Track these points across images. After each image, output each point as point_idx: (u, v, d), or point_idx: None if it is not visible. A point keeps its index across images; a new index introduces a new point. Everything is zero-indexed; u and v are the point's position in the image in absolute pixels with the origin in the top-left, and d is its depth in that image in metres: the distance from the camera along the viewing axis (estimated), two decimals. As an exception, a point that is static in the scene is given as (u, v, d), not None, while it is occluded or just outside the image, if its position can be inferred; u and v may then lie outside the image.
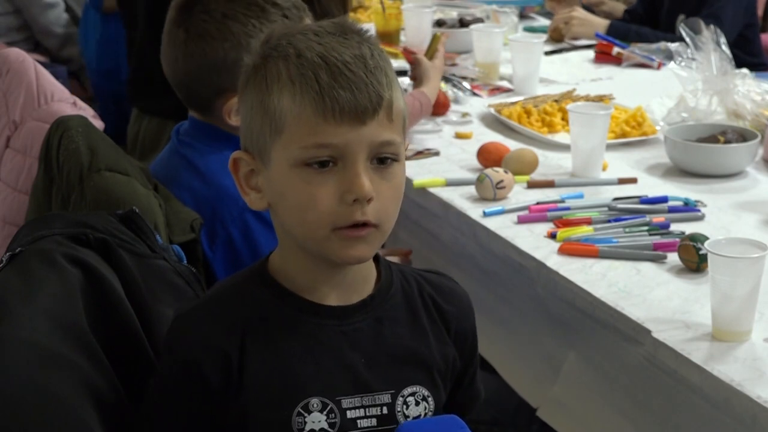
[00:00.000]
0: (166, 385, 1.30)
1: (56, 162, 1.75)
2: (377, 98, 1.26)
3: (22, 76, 2.05)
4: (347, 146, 1.25)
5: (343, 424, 1.30)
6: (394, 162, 1.29)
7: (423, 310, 1.39)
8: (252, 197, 1.34)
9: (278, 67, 1.27)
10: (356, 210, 1.26)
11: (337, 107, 1.24)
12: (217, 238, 1.85)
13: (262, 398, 1.28)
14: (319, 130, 1.25)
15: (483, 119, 2.77)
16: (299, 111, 1.25)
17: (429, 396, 1.36)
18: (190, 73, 1.91)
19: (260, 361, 1.29)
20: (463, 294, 1.46)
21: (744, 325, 1.60)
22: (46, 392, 1.21)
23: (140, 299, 1.46)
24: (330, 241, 1.27)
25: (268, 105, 1.27)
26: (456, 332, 1.42)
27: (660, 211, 2.08)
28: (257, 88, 1.29)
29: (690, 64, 2.63)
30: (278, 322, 1.31)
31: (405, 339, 1.36)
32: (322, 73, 1.25)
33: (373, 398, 1.32)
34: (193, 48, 1.89)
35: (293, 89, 1.25)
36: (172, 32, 1.93)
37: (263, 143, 1.29)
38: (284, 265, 1.34)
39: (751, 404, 1.46)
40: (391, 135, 1.28)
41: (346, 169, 1.26)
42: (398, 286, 1.39)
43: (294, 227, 1.29)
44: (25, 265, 1.37)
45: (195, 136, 1.95)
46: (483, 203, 2.17)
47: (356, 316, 1.34)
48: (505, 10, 3.68)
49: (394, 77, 1.31)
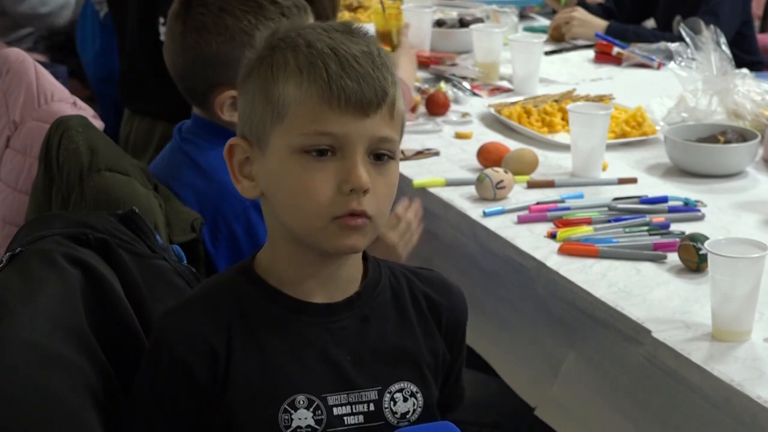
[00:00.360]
0: (153, 383, 1.30)
1: (56, 162, 1.75)
2: (382, 93, 1.28)
3: (22, 76, 2.05)
4: (348, 136, 1.26)
5: (329, 421, 1.30)
6: (390, 159, 1.31)
7: (412, 306, 1.40)
8: (244, 185, 1.34)
9: (286, 57, 1.28)
10: (352, 199, 1.27)
11: (343, 96, 1.25)
12: (219, 235, 1.86)
13: (248, 396, 1.29)
14: (323, 118, 1.26)
15: (483, 119, 2.77)
16: (305, 98, 1.26)
17: (417, 392, 1.37)
18: (187, 67, 1.92)
19: (246, 358, 1.29)
20: (457, 289, 1.47)
21: (744, 325, 1.60)
22: (46, 392, 1.21)
23: (140, 299, 1.46)
24: (326, 230, 1.28)
25: (272, 92, 1.28)
26: (447, 324, 1.42)
27: (660, 211, 2.08)
28: (261, 77, 1.30)
29: (690, 64, 2.63)
30: (264, 319, 1.31)
31: (392, 336, 1.37)
32: (332, 63, 1.26)
33: (359, 395, 1.33)
34: (189, 41, 1.90)
35: (300, 77, 1.27)
36: (172, 25, 1.94)
37: (262, 129, 1.30)
38: (272, 262, 1.34)
39: (751, 404, 1.46)
40: (390, 132, 1.30)
41: (344, 159, 1.27)
42: (386, 282, 1.39)
43: (288, 215, 1.30)
44: (25, 266, 1.37)
45: (197, 132, 1.96)
46: (483, 203, 2.17)
47: (342, 314, 1.34)
48: (505, 10, 3.68)
49: (397, 79, 1.33)
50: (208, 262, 1.84)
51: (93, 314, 1.35)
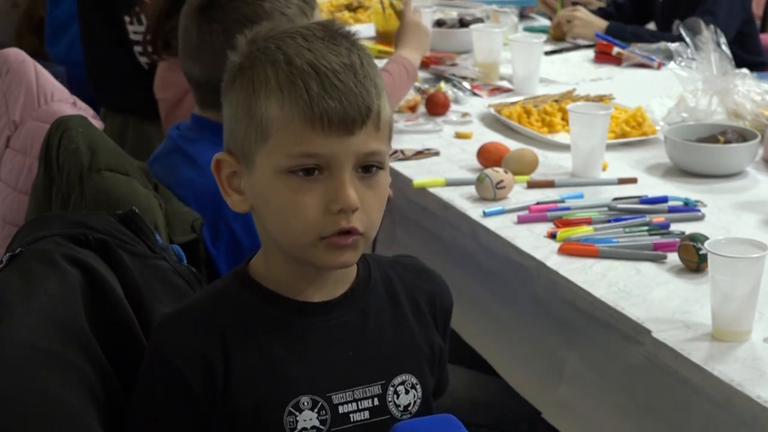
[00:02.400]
0: (150, 393, 1.30)
1: (56, 162, 1.75)
2: (366, 109, 1.26)
3: (22, 76, 2.05)
4: (334, 156, 1.25)
5: (334, 420, 1.30)
6: (379, 170, 1.29)
7: (405, 298, 1.40)
8: (234, 199, 1.33)
9: (266, 73, 1.27)
10: (341, 219, 1.26)
11: (326, 117, 1.24)
12: (220, 235, 1.85)
13: (252, 401, 1.28)
14: (307, 140, 1.24)
15: (483, 119, 2.77)
16: (287, 119, 1.25)
17: (417, 383, 1.37)
18: (218, 61, 1.89)
19: (246, 364, 1.29)
20: (438, 274, 1.47)
21: (744, 325, 1.60)
22: (46, 393, 1.21)
23: (140, 300, 1.46)
24: (316, 248, 1.27)
25: (255, 110, 1.27)
26: (440, 310, 1.43)
27: (660, 211, 2.08)
28: (243, 90, 1.28)
29: (690, 64, 2.63)
30: (262, 323, 1.31)
31: (390, 328, 1.37)
32: (312, 82, 1.24)
33: (363, 391, 1.33)
34: (234, 37, 1.87)
35: (281, 97, 1.25)
36: (204, 28, 1.91)
37: (248, 148, 1.28)
38: (267, 267, 1.34)
39: (751, 404, 1.46)
40: (377, 145, 1.28)
41: (332, 178, 1.25)
42: (378, 276, 1.39)
43: (278, 233, 1.29)
44: (25, 266, 1.37)
45: (198, 130, 1.95)
46: (483, 203, 2.17)
47: (340, 310, 1.34)
48: (505, 10, 3.68)
49: (382, 85, 1.31)
50: (210, 262, 1.84)
51: (93, 315, 1.35)
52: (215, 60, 1.88)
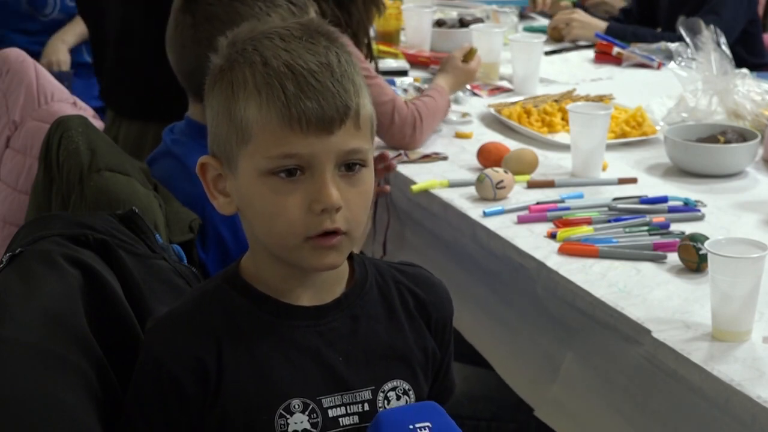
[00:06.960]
0: (142, 397, 1.29)
1: (56, 162, 1.75)
2: (344, 108, 1.25)
3: (22, 76, 2.05)
4: (314, 156, 1.24)
5: (325, 424, 1.30)
6: (362, 168, 1.29)
7: (400, 304, 1.39)
8: (220, 201, 1.33)
9: (244, 75, 1.26)
10: (325, 219, 1.25)
11: (303, 118, 1.23)
12: (208, 239, 1.85)
13: (243, 403, 1.28)
14: (286, 141, 1.24)
15: (483, 119, 2.77)
16: (265, 121, 1.24)
17: (410, 389, 1.36)
18: (198, 58, 1.90)
19: (238, 366, 1.28)
20: (440, 283, 1.46)
21: (744, 325, 1.60)
22: (46, 393, 1.21)
23: (140, 300, 1.46)
24: (301, 249, 1.27)
25: (234, 113, 1.26)
26: (436, 321, 1.42)
27: (660, 211, 2.08)
28: (223, 93, 1.28)
29: (690, 64, 2.63)
30: (253, 326, 1.31)
31: (382, 334, 1.36)
32: (288, 83, 1.24)
33: (353, 396, 1.32)
34: (201, 33, 1.88)
35: (259, 99, 1.25)
36: (179, 18, 1.92)
37: (230, 151, 1.28)
38: (256, 269, 1.33)
39: (751, 404, 1.46)
40: (358, 143, 1.27)
41: (314, 178, 1.25)
42: (373, 281, 1.38)
43: (264, 236, 1.29)
44: (25, 266, 1.37)
45: (190, 134, 1.94)
46: (483, 203, 2.17)
47: (331, 315, 1.33)
48: (505, 10, 3.69)
49: (362, 83, 1.30)
50: (202, 267, 1.83)
51: (93, 315, 1.35)
52: (183, 51, 1.92)
